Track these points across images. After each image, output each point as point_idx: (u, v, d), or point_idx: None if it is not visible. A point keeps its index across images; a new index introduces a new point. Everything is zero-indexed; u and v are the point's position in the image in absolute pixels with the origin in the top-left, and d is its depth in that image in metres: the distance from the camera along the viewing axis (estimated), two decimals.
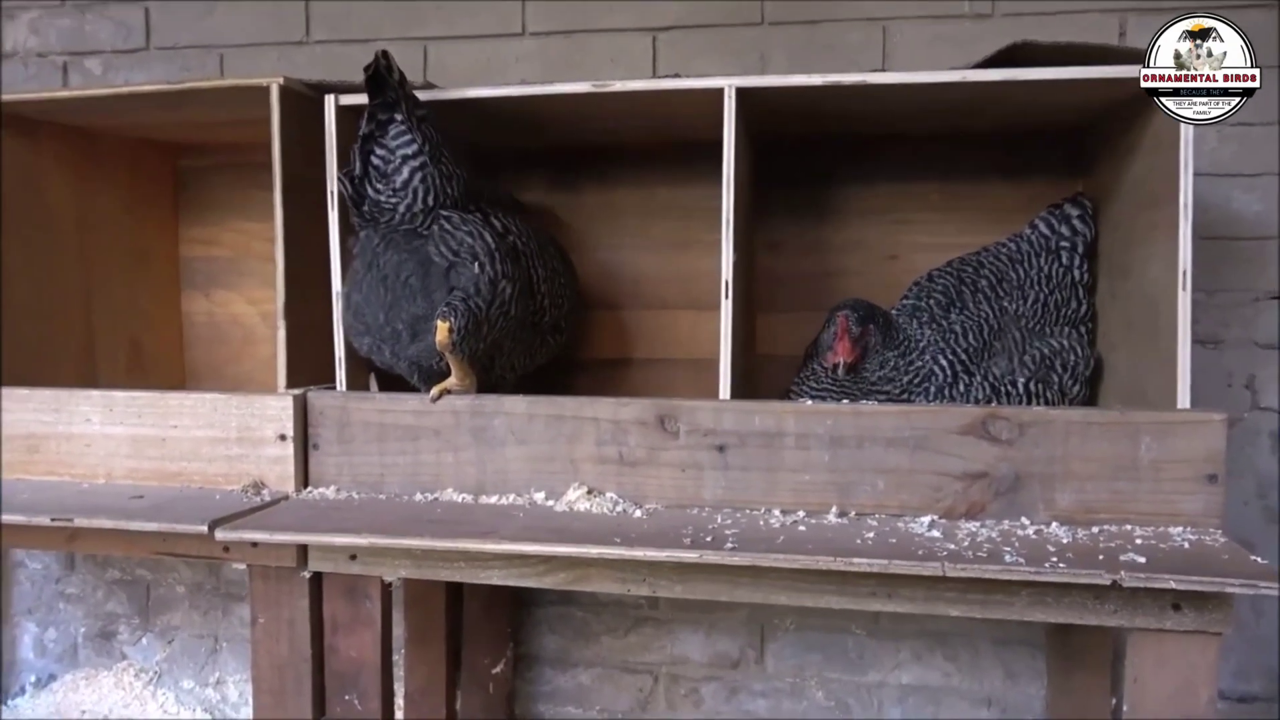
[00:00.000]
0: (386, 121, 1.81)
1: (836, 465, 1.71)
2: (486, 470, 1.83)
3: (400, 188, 1.83)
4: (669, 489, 1.76)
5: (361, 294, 1.93)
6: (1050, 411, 1.66)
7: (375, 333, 1.93)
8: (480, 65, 2.62)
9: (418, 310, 1.87)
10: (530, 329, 2.04)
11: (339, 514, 1.74)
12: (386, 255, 1.89)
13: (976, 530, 1.61)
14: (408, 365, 1.95)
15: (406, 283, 1.88)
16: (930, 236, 2.35)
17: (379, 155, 1.82)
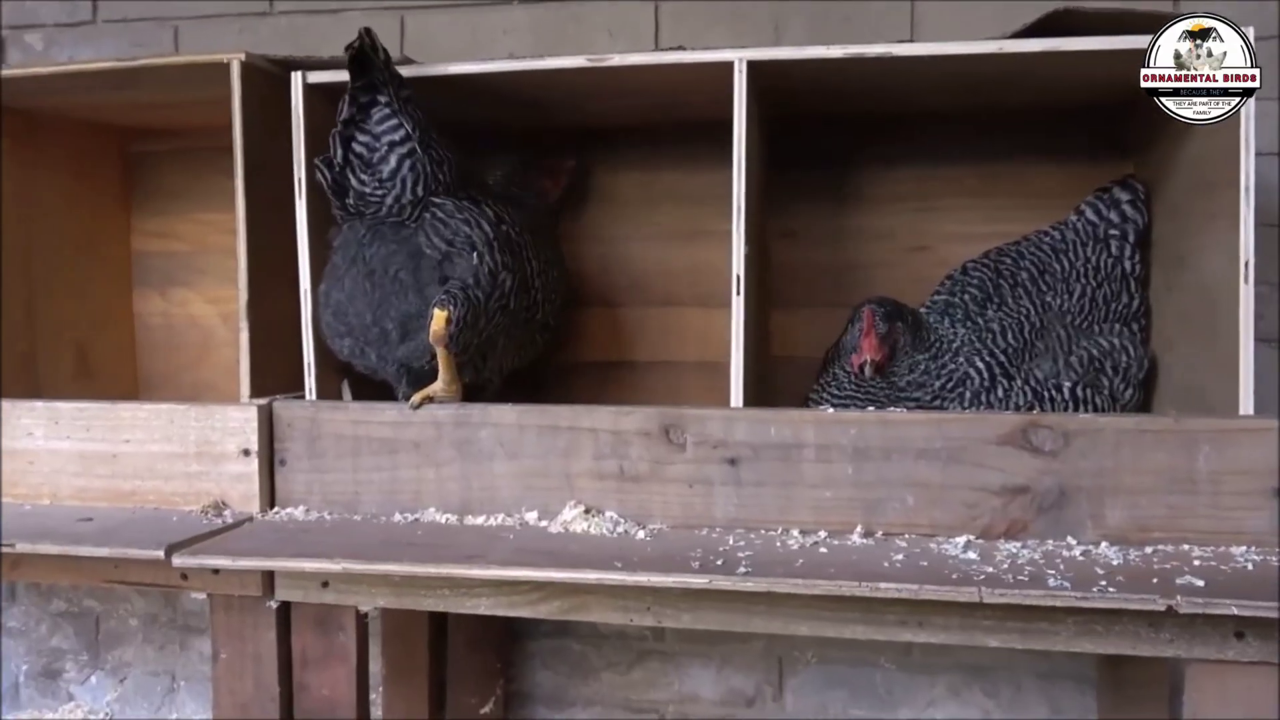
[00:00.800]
0: (369, 104, 1.82)
1: (861, 480, 1.71)
2: (472, 487, 1.83)
3: (388, 177, 1.84)
4: (675, 507, 1.77)
5: (344, 292, 1.93)
6: (1098, 419, 1.66)
7: (360, 334, 1.94)
8: (464, 37, 2.63)
9: (409, 307, 1.89)
10: (524, 325, 2.05)
11: (309, 537, 1.75)
12: (373, 248, 1.90)
13: (1017, 551, 1.61)
14: (395, 368, 1.96)
15: (396, 277, 1.89)
16: (963, 225, 2.35)
17: (362, 142, 1.84)
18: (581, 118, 2.37)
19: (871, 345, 1.92)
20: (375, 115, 1.82)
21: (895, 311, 1.95)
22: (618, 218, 2.55)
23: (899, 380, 1.93)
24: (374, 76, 1.79)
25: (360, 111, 1.82)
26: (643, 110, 2.30)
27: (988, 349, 1.96)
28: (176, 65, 2.01)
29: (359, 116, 1.83)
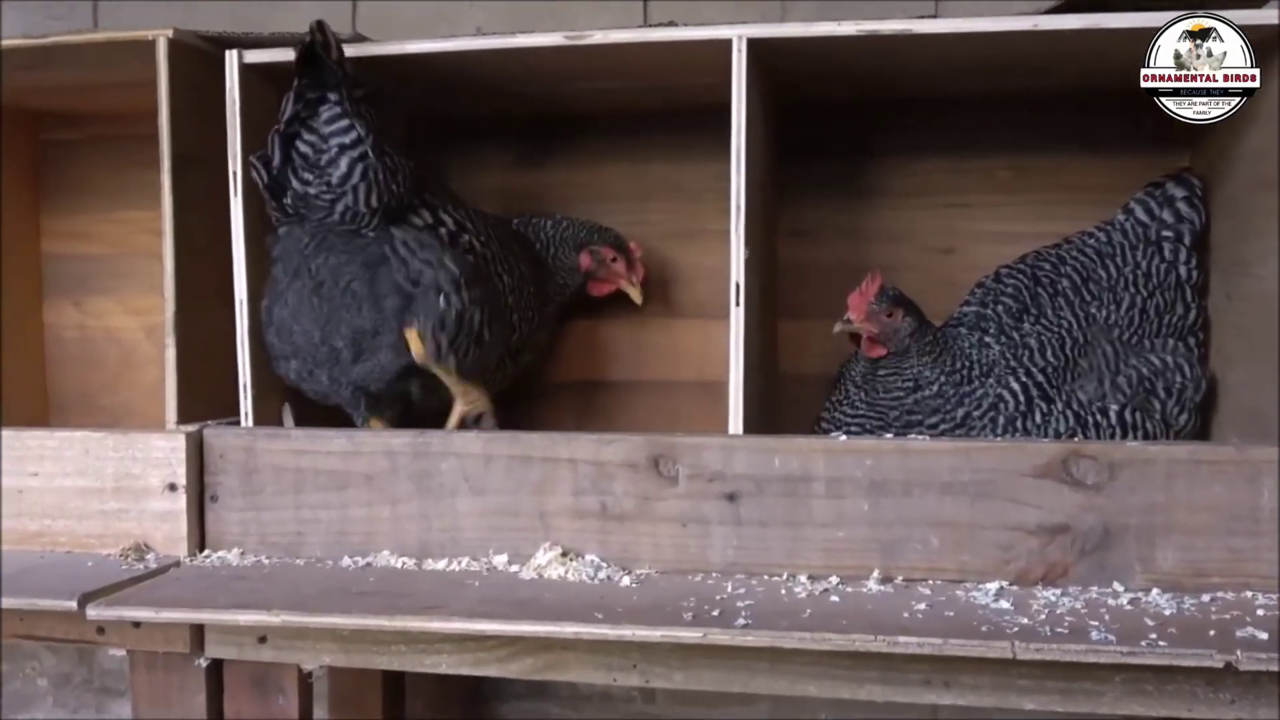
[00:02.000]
0: (318, 101, 1.84)
1: (879, 518, 1.72)
2: (433, 527, 1.84)
3: (338, 183, 1.87)
4: (666, 550, 1.77)
5: (287, 308, 1.95)
6: (1148, 447, 1.68)
7: (308, 354, 1.96)
8: (427, 12, 2.64)
9: (363, 322, 1.91)
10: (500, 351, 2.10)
11: (244, 585, 1.75)
12: (320, 258, 1.92)
13: (1056, 600, 1.62)
14: (350, 392, 1.98)
15: (348, 289, 1.91)
16: (996, 224, 2.37)
17: (308, 141, 1.86)
18: (561, 103, 2.39)
19: (859, 305, 1.95)
20: (324, 114, 1.85)
21: (910, 306, 1.99)
22: (602, 215, 2.56)
23: (905, 398, 1.97)
24: (326, 77, 1.82)
25: (307, 109, 1.85)
26: (631, 95, 2.32)
27: (1024, 368, 1.98)
28: (96, 43, 2.02)
29: (305, 114, 1.85)
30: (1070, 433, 1.95)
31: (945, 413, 1.95)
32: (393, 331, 1.92)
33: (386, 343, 1.93)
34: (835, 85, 2.21)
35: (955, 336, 2.05)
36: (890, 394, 2.00)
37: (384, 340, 1.93)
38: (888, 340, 2.00)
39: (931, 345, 2.00)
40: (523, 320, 2.17)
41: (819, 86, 2.22)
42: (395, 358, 1.94)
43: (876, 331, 2.00)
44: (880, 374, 2.03)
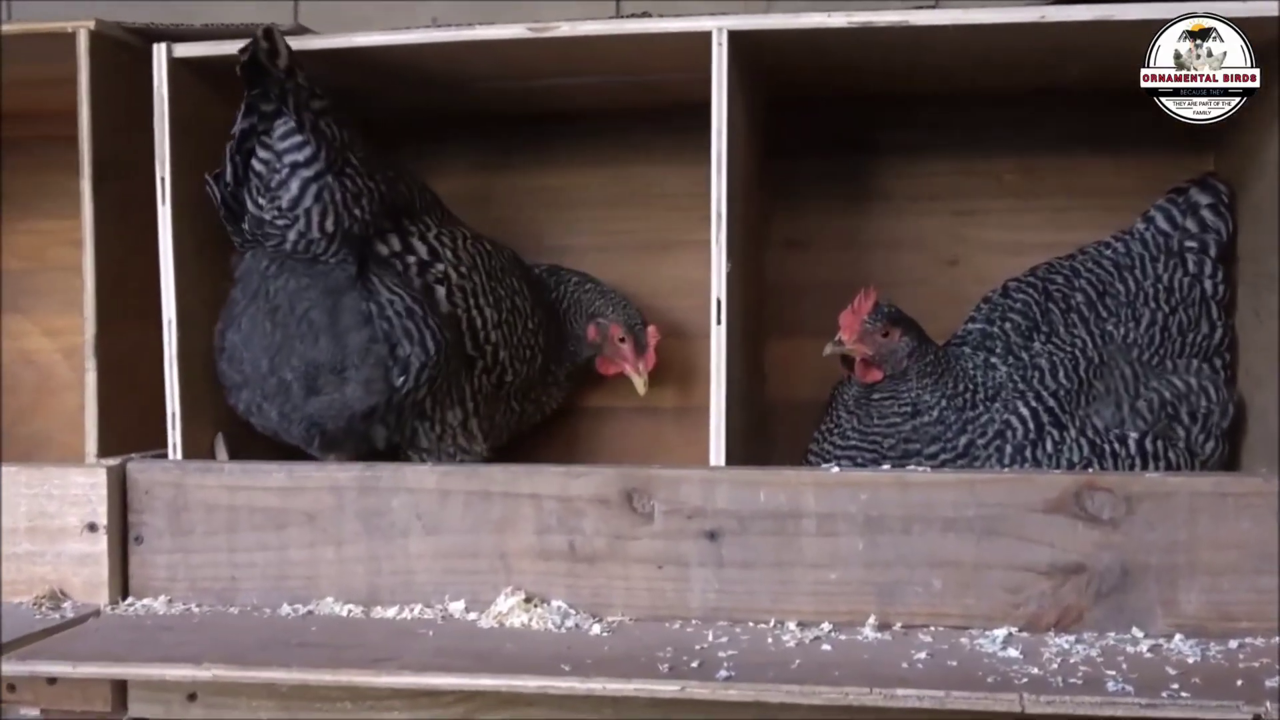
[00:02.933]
0: (274, 115, 1.85)
1: (875, 558, 1.73)
2: (382, 571, 1.84)
3: (289, 206, 1.88)
4: (640, 594, 1.78)
5: (240, 332, 1.96)
6: (1169, 479, 1.69)
7: (256, 385, 1.97)
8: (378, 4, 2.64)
9: (318, 354, 1.92)
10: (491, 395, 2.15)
11: (172, 636, 1.74)
12: (280, 280, 1.94)
13: (1069, 647, 1.63)
14: (303, 428, 1.98)
15: (306, 317, 1.92)
16: (1004, 232, 2.40)
17: (262, 158, 1.87)
18: (525, 101, 2.41)
19: (851, 325, 1.97)
20: (279, 129, 1.85)
21: (908, 324, 2.01)
22: (573, 223, 2.58)
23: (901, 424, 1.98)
24: (271, 90, 1.82)
25: (263, 122, 1.85)
26: (603, 91, 2.33)
27: (1034, 391, 2.00)
28: (9, 35, 2.02)
29: (261, 128, 1.86)
30: (1085, 463, 1.96)
31: (946, 441, 1.97)
32: (357, 367, 1.93)
33: (354, 378, 1.94)
34: (828, 80, 2.23)
35: (958, 357, 2.06)
36: (885, 420, 2.02)
37: (349, 375, 1.93)
38: (884, 363, 2.01)
39: (932, 366, 2.01)
40: (516, 359, 2.18)
41: (810, 81, 2.24)
42: (363, 395, 1.95)
43: (871, 354, 2.01)
44: (875, 398, 2.04)
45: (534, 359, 2.25)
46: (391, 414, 1.99)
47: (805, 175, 2.50)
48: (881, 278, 2.44)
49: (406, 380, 1.95)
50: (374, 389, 1.94)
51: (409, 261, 2.02)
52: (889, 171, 2.49)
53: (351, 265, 1.94)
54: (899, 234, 2.48)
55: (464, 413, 2.10)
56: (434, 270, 2.04)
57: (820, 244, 2.51)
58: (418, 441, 2.07)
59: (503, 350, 2.15)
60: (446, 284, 2.05)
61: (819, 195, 2.49)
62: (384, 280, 1.97)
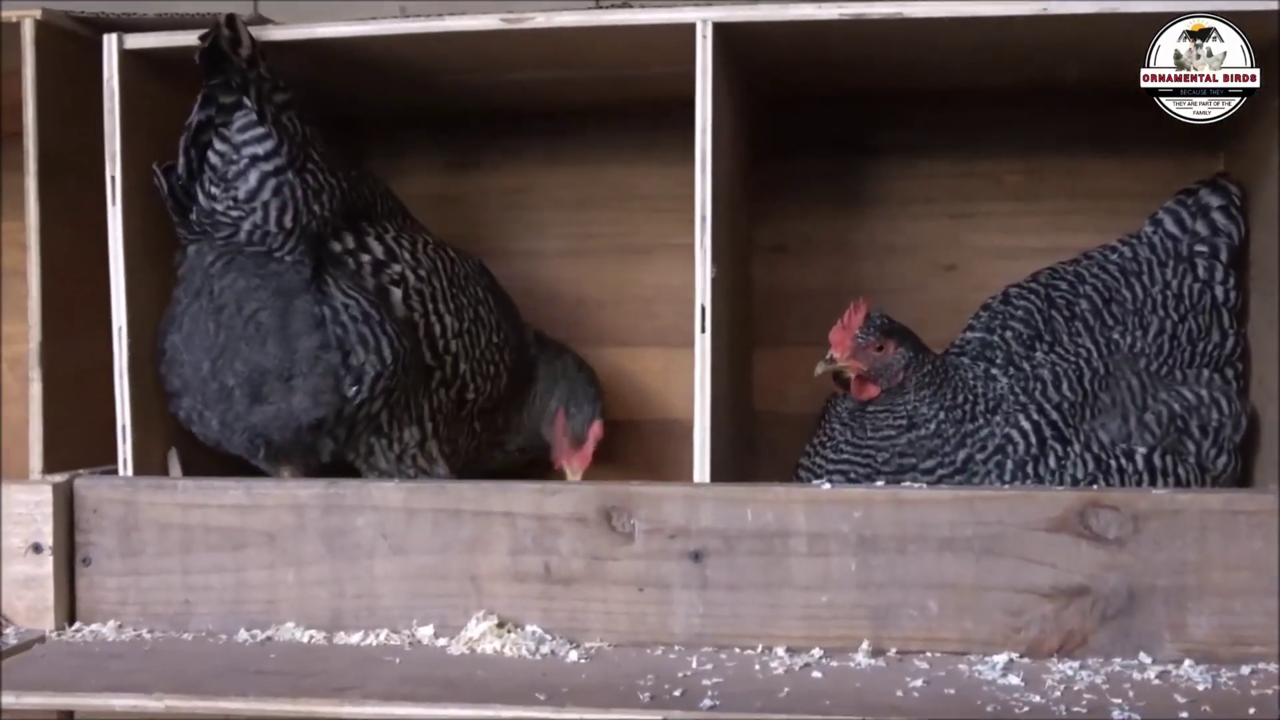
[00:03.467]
0: (233, 107, 1.85)
1: (869, 579, 1.73)
2: (346, 594, 1.84)
3: (245, 198, 1.88)
4: (620, 619, 1.78)
5: (180, 332, 1.96)
6: (1177, 496, 1.70)
7: (196, 390, 1.96)
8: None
9: (265, 360, 1.92)
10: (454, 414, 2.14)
11: (122, 664, 1.73)
12: (227, 278, 1.93)
13: (1073, 674, 1.63)
14: (246, 439, 1.98)
15: (253, 319, 1.92)
16: (1004, 236, 2.42)
17: (219, 151, 1.87)
18: (499, 96, 2.41)
19: (842, 341, 1.98)
20: (239, 121, 1.86)
21: (903, 335, 2.01)
22: (547, 226, 2.59)
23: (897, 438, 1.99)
24: (230, 77, 1.82)
25: (221, 114, 1.85)
26: (580, 87, 2.34)
27: (1036, 404, 2.00)
28: None
29: (219, 120, 1.86)
30: (1089, 479, 1.97)
31: (944, 455, 1.97)
32: (305, 375, 1.92)
33: (301, 387, 1.93)
34: (820, 76, 2.23)
35: (957, 367, 2.07)
36: (880, 433, 2.02)
37: (296, 384, 1.93)
38: (879, 377, 2.01)
39: (930, 377, 2.01)
40: (479, 374, 2.17)
41: (801, 77, 2.25)
42: (310, 406, 1.94)
43: (865, 369, 2.01)
44: (870, 410, 2.04)
45: (498, 377, 2.23)
46: (342, 427, 1.98)
47: (795, 177, 2.51)
48: (875, 284, 2.46)
49: (360, 390, 1.94)
50: (323, 400, 1.93)
51: (363, 260, 2.02)
52: (883, 173, 2.50)
53: (307, 267, 1.94)
54: (894, 238, 2.49)
55: (422, 432, 2.08)
56: (390, 271, 2.04)
57: (810, 249, 2.52)
58: (375, 461, 2.06)
59: (463, 363, 2.14)
60: (403, 286, 2.05)
61: (809, 198, 2.51)
62: (339, 283, 1.96)
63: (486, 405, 2.24)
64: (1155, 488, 1.95)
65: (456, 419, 2.17)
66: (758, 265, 2.49)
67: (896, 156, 2.49)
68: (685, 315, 1.93)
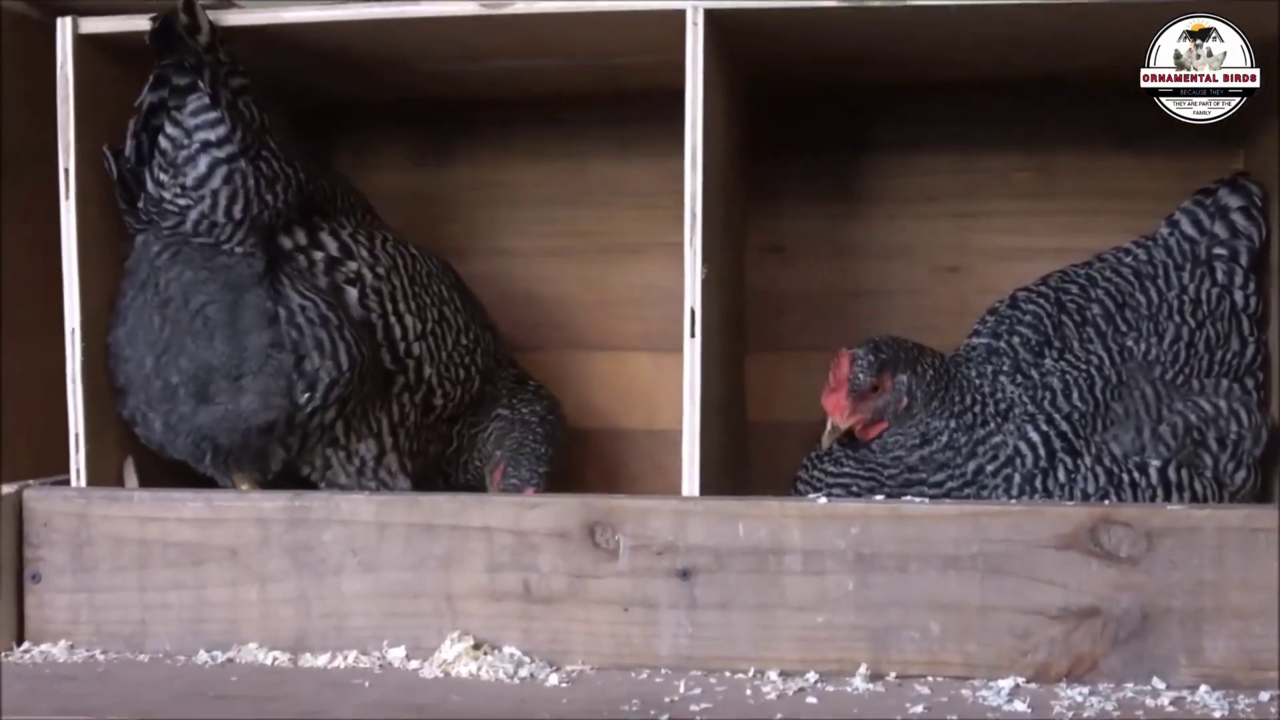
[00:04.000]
0: (187, 89, 1.85)
1: (867, 600, 1.73)
2: (312, 614, 1.84)
3: (193, 185, 1.88)
4: (604, 640, 1.78)
5: (124, 326, 1.96)
6: (1193, 512, 1.70)
7: (140, 389, 1.96)
8: None
9: (213, 357, 1.92)
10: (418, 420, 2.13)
11: (74, 686, 1.73)
12: (173, 270, 1.93)
13: (1083, 700, 1.64)
14: (192, 443, 1.97)
15: (201, 313, 1.92)
16: (1012, 237, 2.43)
17: (170, 135, 1.88)
18: (477, 86, 2.42)
19: (838, 404, 1.98)
20: (191, 104, 1.86)
21: (894, 359, 2.00)
22: (527, 223, 2.60)
23: (907, 457, 1.99)
24: (185, 58, 1.83)
25: (174, 96, 1.86)
26: (564, 76, 2.35)
27: (1045, 414, 2.01)
28: None
29: (173, 103, 1.86)
30: (1101, 494, 1.97)
31: (955, 467, 1.97)
32: (254, 374, 1.92)
33: (250, 387, 1.93)
34: (817, 67, 2.24)
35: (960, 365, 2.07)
36: (890, 453, 2.02)
37: (246, 384, 1.93)
38: (884, 415, 2.02)
39: (935, 384, 2.01)
40: (446, 378, 2.18)
41: (797, 68, 2.26)
42: (260, 409, 1.94)
43: (868, 417, 2.02)
44: None
45: (469, 381, 2.24)
46: (294, 436, 1.98)
47: (790, 173, 2.52)
48: (874, 287, 2.48)
49: (312, 397, 1.94)
50: (273, 402, 1.93)
51: (315, 258, 2.02)
52: (883, 169, 2.51)
53: (259, 260, 1.94)
54: (894, 239, 2.50)
55: (380, 446, 2.09)
56: (345, 269, 2.04)
57: (806, 249, 2.53)
58: (334, 476, 2.07)
59: (429, 366, 2.14)
60: (359, 284, 2.05)
61: (805, 195, 2.52)
62: (296, 283, 1.96)
63: (459, 411, 2.24)
64: (1170, 503, 1.96)
65: (424, 426, 2.17)
66: (750, 266, 2.50)
67: (897, 152, 2.50)
68: (674, 318, 1.94)
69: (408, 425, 2.12)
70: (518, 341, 2.55)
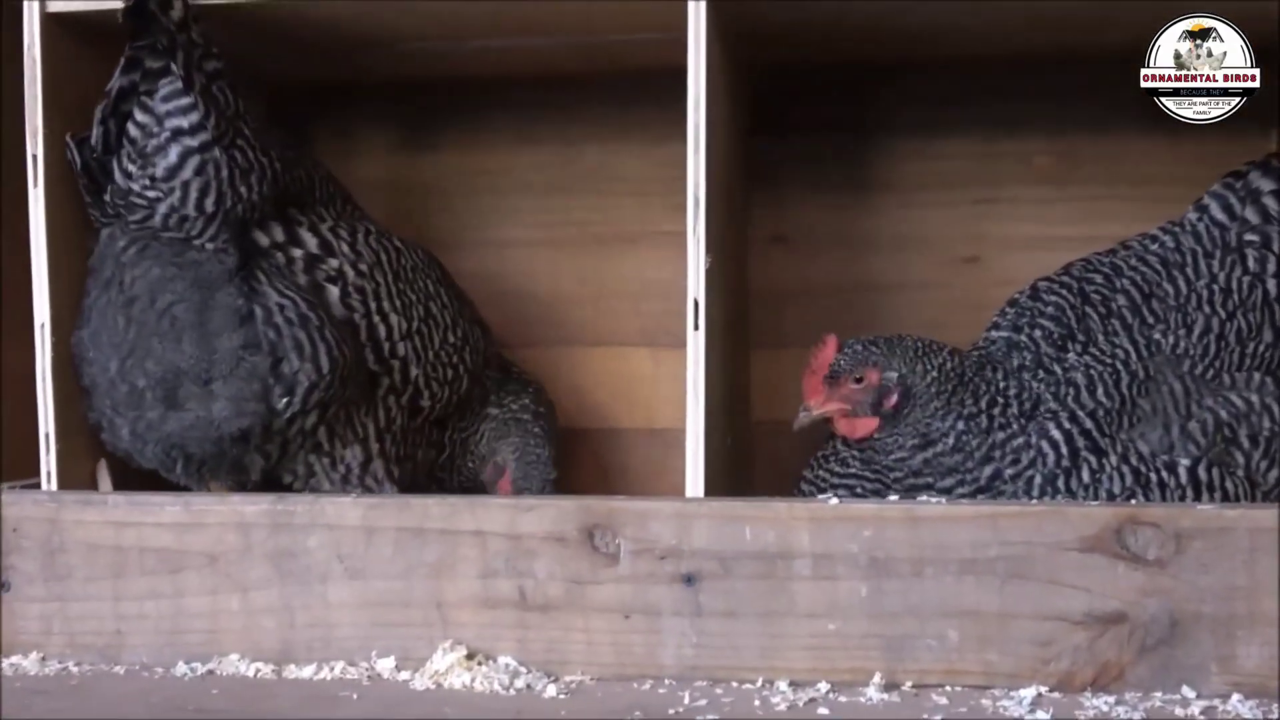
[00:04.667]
0: (159, 73, 1.86)
1: (881, 606, 1.76)
2: (297, 623, 1.86)
3: (164, 176, 1.89)
4: (604, 649, 1.80)
5: (88, 326, 1.97)
6: (1224, 512, 1.72)
7: (105, 393, 1.97)
8: None
9: (181, 359, 1.92)
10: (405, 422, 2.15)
11: (46, 701, 1.75)
12: (140, 268, 1.94)
13: (1109, 709, 1.66)
14: (162, 451, 1.98)
15: (168, 312, 1.93)
16: (1033, 224, 2.46)
17: (139, 122, 1.89)
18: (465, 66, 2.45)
19: (814, 388, 2.03)
20: (164, 89, 1.87)
21: (885, 355, 2.05)
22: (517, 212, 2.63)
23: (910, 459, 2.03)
24: (158, 39, 1.83)
25: (146, 80, 1.87)
26: (555, 55, 2.37)
27: (1067, 411, 2.03)
28: None
29: (144, 88, 1.87)
30: (1127, 495, 1.99)
31: (965, 472, 2.00)
32: (226, 378, 1.93)
33: (222, 392, 1.93)
34: (824, 43, 2.27)
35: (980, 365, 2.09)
36: (891, 455, 2.06)
37: (216, 389, 1.93)
38: (869, 410, 2.06)
39: (939, 385, 2.04)
40: (434, 379, 2.20)
41: (802, 44, 2.28)
42: (232, 415, 1.94)
43: (849, 407, 2.06)
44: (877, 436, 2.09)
45: (457, 381, 2.26)
46: (272, 443, 2.00)
47: (794, 158, 2.55)
48: (885, 279, 2.49)
49: (291, 402, 1.95)
50: (246, 409, 1.94)
51: (294, 255, 2.03)
52: (895, 153, 2.54)
53: (231, 257, 1.95)
54: (907, 228, 2.53)
55: (366, 452, 2.09)
56: (325, 266, 2.05)
57: (812, 240, 2.56)
58: (318, 484, 2.07)
59: (415, 367, 2.16)
60: (341, 282, 2.06)
61: (811, 182, 2.54)
62: (273, 281, 1.97)
63: (445, 413, 2.27)
64: (1200, 503, 1.97)
65: (411, 430, 2.19)
66: (754, 258, 2.52)
67: (910, 135, 2.53)
68: (673, 312, 1.95)
69: (394, 429, 2.14)
70: (509, 338, 2.57)
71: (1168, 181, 2.39)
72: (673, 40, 1.91)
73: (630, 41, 2.22)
